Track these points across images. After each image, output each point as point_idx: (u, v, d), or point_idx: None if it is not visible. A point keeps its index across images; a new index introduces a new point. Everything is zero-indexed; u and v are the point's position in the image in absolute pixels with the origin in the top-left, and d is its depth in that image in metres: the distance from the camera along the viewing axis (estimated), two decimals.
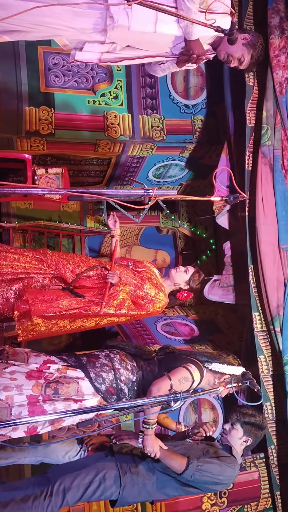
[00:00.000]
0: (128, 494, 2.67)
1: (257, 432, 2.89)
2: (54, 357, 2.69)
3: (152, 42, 2.62)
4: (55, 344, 5.07)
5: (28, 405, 2.48)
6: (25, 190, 2.98)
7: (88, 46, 2.59)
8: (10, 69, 3.94)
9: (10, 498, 2.59)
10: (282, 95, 3.78)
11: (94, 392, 2.63)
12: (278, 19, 3.79)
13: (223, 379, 2.80)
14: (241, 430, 2.86)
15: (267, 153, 3.81)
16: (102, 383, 2.65)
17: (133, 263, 3.27)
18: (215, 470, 2.69)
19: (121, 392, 2.68)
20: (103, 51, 2.63)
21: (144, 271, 3.20)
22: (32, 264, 2.91)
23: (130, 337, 4.43)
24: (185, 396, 2.35)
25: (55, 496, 2.56)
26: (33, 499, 2.55)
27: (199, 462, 2.66)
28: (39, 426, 2.53)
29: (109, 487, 2.64)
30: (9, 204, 4.64)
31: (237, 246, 4.26)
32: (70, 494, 2.58)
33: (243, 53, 2.76)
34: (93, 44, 2.59)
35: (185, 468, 2.62)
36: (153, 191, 2.57)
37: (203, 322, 4.97)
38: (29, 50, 3.97)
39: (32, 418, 2.35)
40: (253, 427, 2.87)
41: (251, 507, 3.86)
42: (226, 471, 2.74)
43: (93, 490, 2.62)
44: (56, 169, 3.66)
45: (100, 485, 2.62)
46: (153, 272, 3.26)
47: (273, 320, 3.74)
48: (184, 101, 4.52)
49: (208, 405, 4.26)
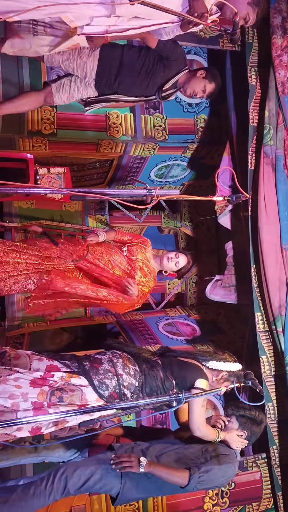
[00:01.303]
0: (128, 491, 2.69)
1: (253, 427, 2.92)
2: (57, 362, 2.68)
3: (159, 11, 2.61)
4: (56, 344, 5.08)
5: (33, 410, 2.49)
6: (27, 189, 2.98)
7: (96, 21, 2.59)
8: (12, 68, 3.94)
9: (12, 492, 2.61)
10: (284, 95, 3.78)
11: (97, 398, 2.64)
12: (281, 19, 3.78)
13: (220, 376, 2.85)
14: (236, 422, 2.92)
15: (269, 153, 3.81)
16: (106, 390, 2.65)
17: (127, 249, 3.44)
18: (217, 476, 2.73)
19: (124, 396, 2.69)
20: (110, 24, 2.63)
21: (137, 259, 3.39)
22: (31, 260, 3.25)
23: (131, 337, 4.43)
24: (187, 397, 2.36)
25: (57, 483, 2.58)
26: (34, 488, 2.57)
27: (200, 473, 2.67)
28: (43, 427, 2.54)
29: (110, 482, 2.66)
30: (11, 204, 4.64)
31: (239, 246, 4.26)
32: (72, 482, 2.60)
33: (248, 11, 2.81)
34: (100, 19, 2.59)
35: (187, 483, 2.65)
36: (155, 191, 2.57)
37: (204, 322, 4.97)
38: None
39: (36, 418, 2.38)
40: (248, 420, 2.92)
41: (252, 507, 3.86)
42: (227, 472, 2.78)
43: (95, 482, 2.64)
44: (58, 169, 3.67)
45: (102, 478, 2.65)
46: (146, 260, 3.46)
47: (275, 320, 3.74)
48: (187, 99, 4.51)
49: (209, 405, 4.26)
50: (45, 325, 4.42)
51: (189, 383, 2.74)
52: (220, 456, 2.79)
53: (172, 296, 5.42)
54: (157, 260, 3.50)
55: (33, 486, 2.58)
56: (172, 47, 3.04)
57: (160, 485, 2.72)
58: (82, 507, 3.34)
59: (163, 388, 2.75)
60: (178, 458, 2.77)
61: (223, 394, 3.93)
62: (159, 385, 2.75)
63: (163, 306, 5.28)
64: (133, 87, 3.16)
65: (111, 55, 3.06)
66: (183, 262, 3.47)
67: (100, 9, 2.54)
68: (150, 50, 3.06)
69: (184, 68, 3.16)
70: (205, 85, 3.20)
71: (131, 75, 3.10)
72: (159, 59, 3.08)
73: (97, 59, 3.04)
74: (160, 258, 3.50)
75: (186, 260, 3.48)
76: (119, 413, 2.56)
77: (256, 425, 2.94)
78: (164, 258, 3.47)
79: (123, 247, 3.45)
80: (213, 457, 2.78)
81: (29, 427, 2.49)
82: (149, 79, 3.12)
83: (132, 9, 2.53)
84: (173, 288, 5.45)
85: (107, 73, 3.07)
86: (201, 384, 2.72)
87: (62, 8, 2.53)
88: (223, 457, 2.80)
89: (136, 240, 3.54)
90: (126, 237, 3.53)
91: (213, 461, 2.76)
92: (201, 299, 5.34)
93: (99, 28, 2.66)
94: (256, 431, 2.96)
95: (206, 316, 5.07)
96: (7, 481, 2.98)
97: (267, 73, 3.85)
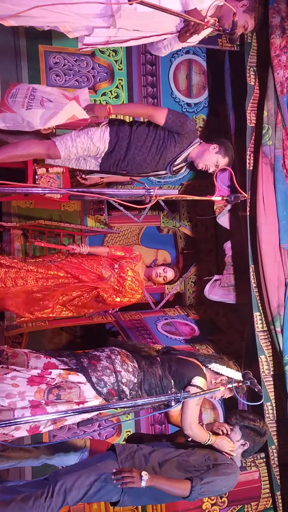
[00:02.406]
0: (128, 498, 2.67)
1: (256, 438, 2.88)
2: (54, 360, 2.67)
3: (158, 21, 2.62)
4: (55, 343, 5.07)
5: (30, 408, 2.49)
6: (25, 189, 2.98)
7: (96, 32, 2.60)
8: (11, 68, 3.93)
9: (11, 498, 2.60)
10: (283, 95, 3.78)
11: (95, 395, 2.64)
12: (279, 18, 3.78)
13: (219, 379, 2.84)
14: (239, 433, 2.86)
15: (268, 153, 3.81)
16: (104, 387, 2.65)
17: (118, 267, 3.65)
18: (218, 486, 2.71)
19: (123, 393, 2.68)
20: (111, 35, 2.64)
21: (127, 276, 3.66)
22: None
23: (130, 337, 4.42)
24: (186, 396, 2.36)
25: (56, 496, 2.56)
26: (34, 499, 2.55)
27: (202, 484, 2.65)
28: (42, 425, 2.54)
29: (110, 490, 2.62)
30: (9, 204, 4.64)
31: (238, 245, 4.26)
32: (71, 495, 2.58)
33: (246, 19, 2.82)
34: (100, 30, 2.60)
35: (189, 494, 2.64)
36: (154, 190, 2.57)
37: (203, 322, 4.97)
38: (30, 49, 3.97)
39: (34, 418, 2.38)
40: (252, 431, 2.87)
41: (251, 507, 3.86)
42: (229, 482, 2.76)
43: (94, 492, 2.61)
44: (57, 169, 3.66)
45: (101, 488, 2.61)
46: (137, 275, 3.73)
47: (273, 320, 3.74)
48: (186, 99, 4.51)
49: (208, 405, 4.26)
50: (44, 325, 4.41)
51: (186, 380, 2.73)
52: (222, 465, 2.76)
53: (171, 295, 5.42)
54: (146, 273, 3.82)
55: (32, 497, 2.56)
56: (181, 121, 2.99)
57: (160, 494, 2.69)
58: (81, 507, 3.34)
59: (161, 386, 2.74)
60: (180, 465, 2.75)
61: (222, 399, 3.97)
62: (158, 382, 2.74)
63: (162, 306, 5.28)
64: (143, 165, 3.10)
65: (120, 135, 3.02)
66: (170, 276, 3.81)
67: (97, 21, 2.55)
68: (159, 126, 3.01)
69: (195, 141, 3.10)
70: (218, 160, 3.12)
71: (141, 153, 3.05)
72: (169, 134, 3.02)
73: (107, 141, 3.02)
74: (149, 271, 3.81)
75: (173, 274, 3.83)
76: (117, 413, 2.56)
77: (259, 437, 2.90)
78: (153, 273, 3.80)
79: (115, 264, 3.67)
80: (215, 465, 2.76)
81: (27, 426, 2.48)
82: (160, 155, 3.06)
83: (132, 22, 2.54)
84: (172, 288, 5.45)
85: (116, 153, 3.04)
86: (198, 381, 2.71)
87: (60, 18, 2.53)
88: (226, 466, 2.77)
89: (129, 256, 3.77)
90: (119, 253, 3.73)
91: (215, 471, 2.74)
92: (200, 299, 5.34)
93: (100, 39, 2.67)
94: (258, 442, 2.91)
95: (205, 316, 5.07)
96: (5, 483, 2.97)
97: (265, 73, 3.85)
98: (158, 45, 2.90)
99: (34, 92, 2.94)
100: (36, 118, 2.80)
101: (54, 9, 2.44)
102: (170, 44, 2.85)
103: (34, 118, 2.79)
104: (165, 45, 2.87)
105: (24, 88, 2.98)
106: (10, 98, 2.91)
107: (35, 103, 2.87)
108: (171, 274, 3.79)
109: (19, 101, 2.87)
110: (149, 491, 2.65)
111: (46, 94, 2.95)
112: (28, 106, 2.83)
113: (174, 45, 2.85)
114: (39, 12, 2.43)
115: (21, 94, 2.91)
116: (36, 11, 2.41)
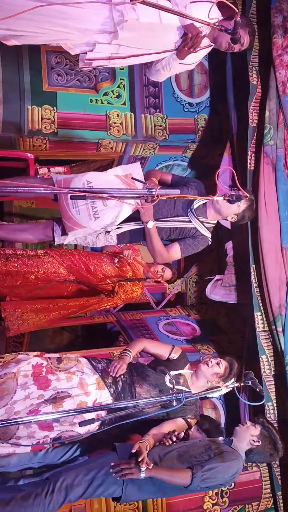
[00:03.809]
0: (131, 491, 2.66)
1: (268, 444, 2.91)
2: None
3: (158, 37, 2.64)
4: (56, 343, 5.07)
5: (32, 376, 2.60)
6: (27, 189, 2.97)
7: (98, 47, 2.61)
8: (13, 68, 3.93)
9: (11, 496, 2.60)
10: (285, 95, 3.77)
11: (92, 369, 2.78)
12: (281, 18, 3.77)
13: None
14: (258, 429, 2.93)
15: (270, 153, 3.80)
16: (99, 363, 2.85)
17: (118, 261, 3.67)
18: (220, 473, 2.68)
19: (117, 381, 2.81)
20: (112, 51, 2.64)
21: (127, 270, 3.70)
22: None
23: (131, 337, 4.42)
24: (187, 396, 2.36)
25: (57, 493, 2.56)
26: (34, 497, 2.55)
27: (203, 471, 2.64)
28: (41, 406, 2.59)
29: (111, 484, 2.64)
30: (11, 203, 4.64)
31: (239, 246, 4.26)
32: (73, 491, 2.59)
33: (241, 35, 2.82)
34: (102, 46, 2.61)
35: (190, 482, 2.63)
36: (155, 190, 2.57)
37: (205, 321, 4.97)
38: (31, 49, 3.97)
39: (32, 417, 2.40)
40: (270, 438, 2.91)
41: (252, 507, 3.86)
42: (231, 469, 2.73)
43: (96, 487, 2.62)
44: (58, 168, 3.67)
45: (103, 482, 2.62)
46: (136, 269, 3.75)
47: (275, 320, 3.73)
48: (188, 99, 4.51)
49: (210, 404, 4.25)
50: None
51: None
52: (224, 453, 2.75)
53: (172, 295, 5.42)
54: (145, 269, 3.87)
55: (33, 494, 2.56)
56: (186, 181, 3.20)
57: (162, 486, 2.69)
58: (82, 506, 3.34)
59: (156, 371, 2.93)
60: (180, 457, 2.75)
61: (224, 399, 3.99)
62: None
63: (163, 305, 5.28)
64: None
65: None
66: (168, 276, 3.94)
67: (99, 37, 2.57)
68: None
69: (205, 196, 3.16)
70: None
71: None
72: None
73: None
74: (148, 267, 3.88)
75: (171, 274, 3.96)
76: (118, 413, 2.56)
77: (271, 445, 2.92)
78: (151, 269, 3.87)
79: (115, 258, 3.67)
80: (216, 454, 2.75)
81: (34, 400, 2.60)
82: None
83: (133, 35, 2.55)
84: (173, 287, 5.44)
85: None
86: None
87: (62, 35, 2.55)
88: (227, 453, 2.75)
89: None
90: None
91: (217, 459, 2.73)
92: (201, 298, 5.34)
93: (102, 54, 2.68)
94: (267, 449, 2.92)
95: (206, 316, 5.07)
96: (7, 481, 2.97)
97: (268, 73, 3.84)
98: (156, 67, 2.89)
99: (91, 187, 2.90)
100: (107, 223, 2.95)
101: (53, 27, 2.47)
102: (168, 63, 2.84)
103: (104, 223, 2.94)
104: (164, 66, 2.86)
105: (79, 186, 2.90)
106: (73, 208, 2.92)
107: (99, 207, 2.90)
108: (168, 274, 3.91)
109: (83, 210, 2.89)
110: (151, 482, 2.65)
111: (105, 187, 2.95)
112: (95, 215, 2.90)
113: (172, 64, 2.83)
114: (42, 31, 2.46)
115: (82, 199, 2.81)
116: (39, 29, 2.45)
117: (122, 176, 2.95)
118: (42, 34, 2.50)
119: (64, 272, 3.48)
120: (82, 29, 2.50)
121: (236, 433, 2.98)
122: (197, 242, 3.16)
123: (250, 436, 2.88)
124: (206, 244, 3.23)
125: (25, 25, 2.39)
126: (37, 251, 3.57)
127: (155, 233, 3.02)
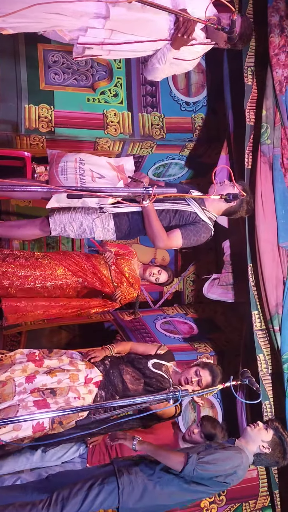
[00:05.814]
0: (128, 497, 2.59)
1: (278, 449, 2.78)
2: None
3: (152, 21, 2.60)
4: (54, 342, 5.07)
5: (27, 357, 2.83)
6: (24, 187, 2.97)
7: (91, 32, 2.60)
8: (10, 67, 3.93)
9: (9, 502, 2.58)
10: (282, 94, 3.77)
11: (80, 356, 2.99)
12: (278, 17, 3.77)
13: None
14: (271, 434, 2.77)
15: (267, 152, 3.81)
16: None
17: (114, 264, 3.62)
18: (219, 459, 2.55)
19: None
20: (105, 36, 2.63)
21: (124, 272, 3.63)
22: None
23: (129, 335, 4.43)
24: (184, 395, 2.36)
25: (53, 506, 2.53)
26: (31, 507, 2.54)
27: (199, 455, 2.54)
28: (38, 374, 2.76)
29: (108, 493, 2.58)
30: (8, 202, 4.64)
31: (236, 244, 4.26)
32: (69, 503, 2.54)
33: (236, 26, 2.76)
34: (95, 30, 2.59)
35: (185, 464, 2.49)
36: (152, 189, 2.57)
37: (202, 320, 4.98)
38: (29, 48, 3.97)
39: (31, 416, 2.41)
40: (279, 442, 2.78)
41: (249, 505, 3.87)
42: (232, 459, 2.59)
43: (93, 498, 2.56)
44: None
45: (99, 492, 2.57)
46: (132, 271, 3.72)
47: (272, 319, 3.74)
48: (185, 98, 4.51)
49: (207, 403, 4.26)
50: (43, 324, 4.41)
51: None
52: (226, 447, 2.68)
53: (169, 294, 5.42)
54: (141, 270, 3.83)
55: (29, 505, 2.54)
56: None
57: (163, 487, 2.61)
58: None
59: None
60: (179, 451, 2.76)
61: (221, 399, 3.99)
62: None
63: (160, 304, 5.28)
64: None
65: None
66: (163, 279, 3.86)
67: (92, 22, 2.56)
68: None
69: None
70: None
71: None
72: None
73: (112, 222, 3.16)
74: (144, 268, 3.84)
75: (166, 278, 3.88)
76: (115, 412, 2.56)
77: (279, 451, 2.78)
78: (147, 271, 3.83)
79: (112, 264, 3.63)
80: (217, 447, 2.68)
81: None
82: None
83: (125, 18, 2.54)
84: (171, 286, 5.45)
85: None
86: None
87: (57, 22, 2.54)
88: (229, 447, 2.68)
89: (123, 252, 3.78)
90: (114, 249, 3.71)
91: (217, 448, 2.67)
92: (198, 297, 5.35)
93: (95, 39, 2.66)
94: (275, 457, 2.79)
95: (203, 315, 5.08)
96: (3, 480, 2.97)
97: (264, 72, 3.85)
98: (152, 62, 2.83)
99: (82, 164, 2.96)
100: (92, 199, 2.86)
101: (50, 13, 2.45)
102: (163, 55, 2.76)
103: (90, 198, 2.83)
104: (159, 58, 2.79)
105: (72, 160, 2.95)
106: (61, 175, 2.91)
107: (87, 179, 2.88)
108: (164, 277, 3.86)
109: (71, 178, 2.87)
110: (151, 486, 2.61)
111: (95, 167, 2.98)
112: (82, 184, 2.85)
113: (167, 55, 2.75)
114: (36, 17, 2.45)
115: (71, 169, 2.88)
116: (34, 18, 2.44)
117: (114, 165, 2.95)
118: (37, 23, 2.50)
119: (61, 274, 3.46)
120: (78, 15, 2.49)
121: (246, 434, 2.81)
122: (198, 228, 3.05)
123: (261, 441, 2.74)
124: (208, 233, 3.10)
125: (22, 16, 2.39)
126: (35, 253, 3.55)
127: (153, 213, 2.90)
